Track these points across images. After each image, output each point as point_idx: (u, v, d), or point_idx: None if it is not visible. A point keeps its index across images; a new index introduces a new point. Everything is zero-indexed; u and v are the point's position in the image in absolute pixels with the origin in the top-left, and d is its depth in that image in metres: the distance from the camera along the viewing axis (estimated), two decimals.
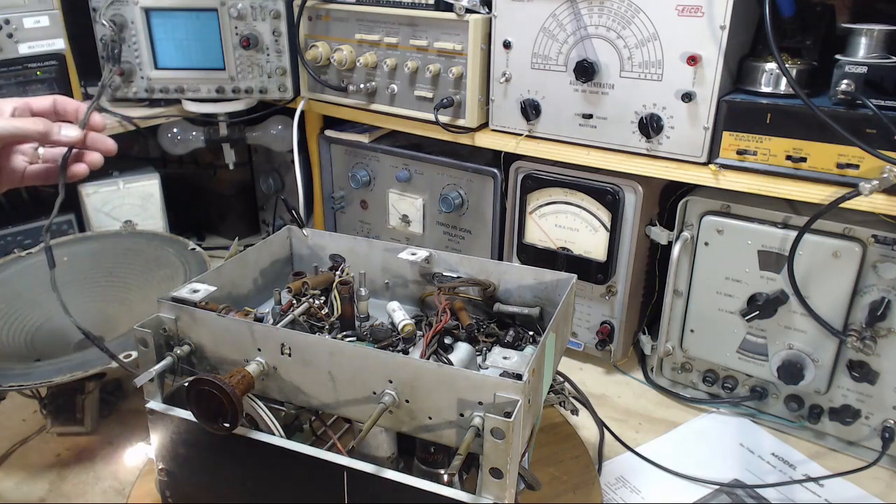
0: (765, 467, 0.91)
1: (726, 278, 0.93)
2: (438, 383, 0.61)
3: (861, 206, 0.80)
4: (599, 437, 0.95)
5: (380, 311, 0.83)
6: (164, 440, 0.73)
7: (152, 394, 0.72)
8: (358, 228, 1.30)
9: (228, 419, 0.62)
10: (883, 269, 0.83)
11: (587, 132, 0.96)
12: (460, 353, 0.74)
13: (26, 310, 0.99)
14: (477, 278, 0.82)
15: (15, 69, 1.08)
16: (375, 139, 1.22)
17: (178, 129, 1.29)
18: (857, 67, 0.78)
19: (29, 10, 1.08)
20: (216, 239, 1.55)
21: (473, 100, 1.02)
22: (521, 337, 0.79)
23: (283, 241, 0.92)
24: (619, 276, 1.03)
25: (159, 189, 1.29)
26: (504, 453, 0.58)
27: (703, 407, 1.02)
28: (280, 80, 1.21)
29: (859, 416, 0.90)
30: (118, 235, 1.17)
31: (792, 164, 0.84)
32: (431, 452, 0.72)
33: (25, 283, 1.03)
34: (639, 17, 0.87)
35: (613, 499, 0.86)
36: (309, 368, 0.67)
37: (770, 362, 0.93)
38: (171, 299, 0.73)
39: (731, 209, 0.92)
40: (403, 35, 1.05)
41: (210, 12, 1.16)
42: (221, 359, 0.71)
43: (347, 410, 0.67)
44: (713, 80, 0.85)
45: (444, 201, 1.13)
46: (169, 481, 0.75)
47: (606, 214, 0.99)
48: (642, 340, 1.09)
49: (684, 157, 0.90)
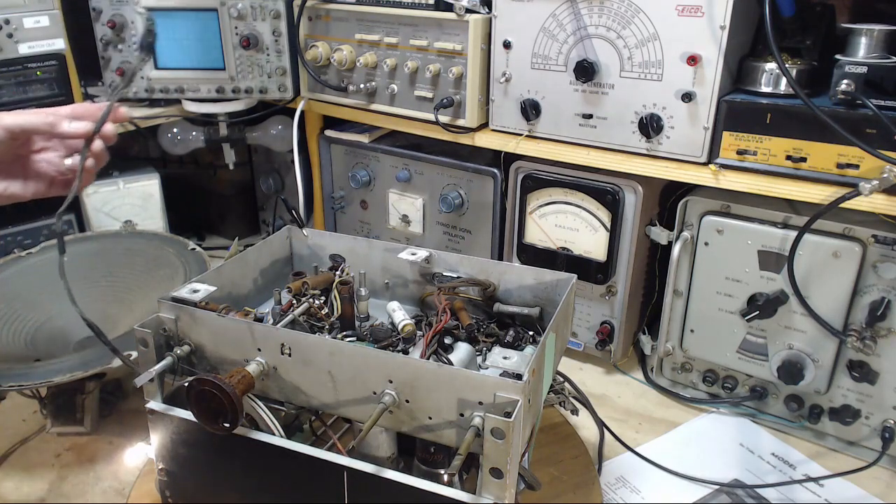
0: (765, 467, 0.91)
1: (726, 278, 0.93)
2: (438, 383, 0.61)
3: (861, 206, 0.80)
4: (599, 437, 0.95)
5: (380, 311, 0.83)
6: (164, 440, 0.73)
7: (152, 394, 0.72)
8: (358, 228, 1.30)
9: (228, 419, 0.62)
10: (883, 269, 0.83)
11: (587, 132, 0.96)
12: (460, 353, 0.74)
13: (26, 310, 0.99)
14: (477, 278, 0.82)
15: (15, 69, 1.08)
16: (375, 139, 1.22)
17: (178, 129, 1.29)
18: (857, 67, 0.78)
19: (29, 10, 1.08)
20: (216, 239, 1.55)
21: (473, 100, 1.02)
22: (521, 337, 0.79)
23: (283, 241, 0.92)
24: (619, 276, 1.03)
25: (159, 189, 1.29)
26: (504, 453, 0.58)
27: (703, 407, 1.02)
28: (280, 80, 1.21)
29: (859, 416, 0.90)
30: (118, 235, 1.17)
31: (792, 164, 0.84)
32: (431, 452, 0.72)
33: (25, 283, 1.03)
34: (639, 17, 0.87)
35: (613, 499, 0.86)
36: (309, 368, 0.67)
37: (770, 362, 0.93)
38: (171, 299, 0.73)
39: (731, 209, 0.92)
40: (403, 35, 1.05)
41: (210, 12, 1.16)
42: (221, 359, 0.71)
43: (347, 410, 0.67)
44: (713, 80, 0.85)
45: (444, 201, 1.13)
46: (169, 481, 0.75)
47: (606, 214, 0.99)
48: (642, 340, 1.09)
49: (684, 157, 0.90)
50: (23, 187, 0.79)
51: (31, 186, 0.79)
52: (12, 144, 0.75)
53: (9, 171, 0.78)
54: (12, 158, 0.78)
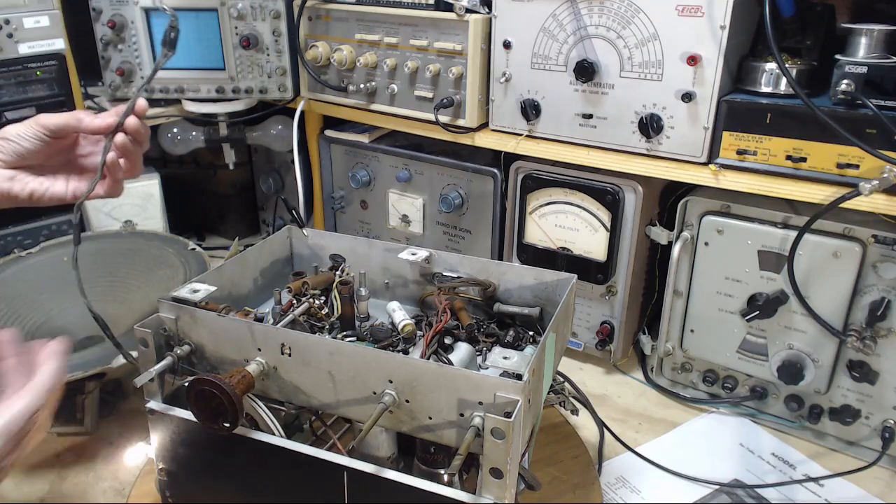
0: (765, 467, 0.91)
1: (726, 278, 0.93)
2: (438, 383, 0.61)
3: (861, 206, 0.79)
4: (599, 437, 0.95)
5: (380, 311, 0.83)
6: (164, 440, 0.73)
7: (152, 394, 0.72)
8: (358, 228, 1.30)
9: (228, 419, 0.62)
10: (883, 269, 0.83)
11: (587, 132, 0.96)
12: (460, 353, 0.74)
13: (26, 310, 0.99)
14: (477, 278, 0.82)
15: (15, 69, 1.08)
16: (375, 139, 1.22)
17: (178, 129, 1.29)
18: (857, 67, 0.78)
19: (29, 10, 1.08)
20: (216, 239, 1.55)
21: (473, 100, 1.02)
22: (522, 337, 0.79)
23: (283, 241, 0.92)
24: (619, 276, 1.03)
25: (159, 189, 1.29)
26: (504, 453, 0.58)
27: (703, 407, 1.02)
28: (280, 80, 1.21)
29: (859, 416, 0.90)
30: (118, 235, 1.17)
31: (792, 164, 0.84)
32: (431, 452, 0.72)
33: (25, 283, 1.03)
34: (639, 17, 0.87)
35: (613, 499, 0.86)
36: (309, 368, 0.67)
37: (770, 362, 0.93)
38: (171, 299, 0.73)
39: (731, 209, 0.92)
40: (403, 35, 1.05)
41: (210, 12, 1.16)
42: (221, 359, 0.71)
43: (347, 410, 0.67)
44: (713, 80, 0.85)
45: (444, 201, 1.13)
46: (169, 481, 0.75)
47: (606, 214, 0.99)
48: (642, 340, 1.09)
49: (684, 157, 0.90)
50: (64, 187, 0.81)
51: (73, 185, 0.81)
52: (54, 145, 0.79)
53: (53, 171, 0.81)
54: (57, 162, 0.81)
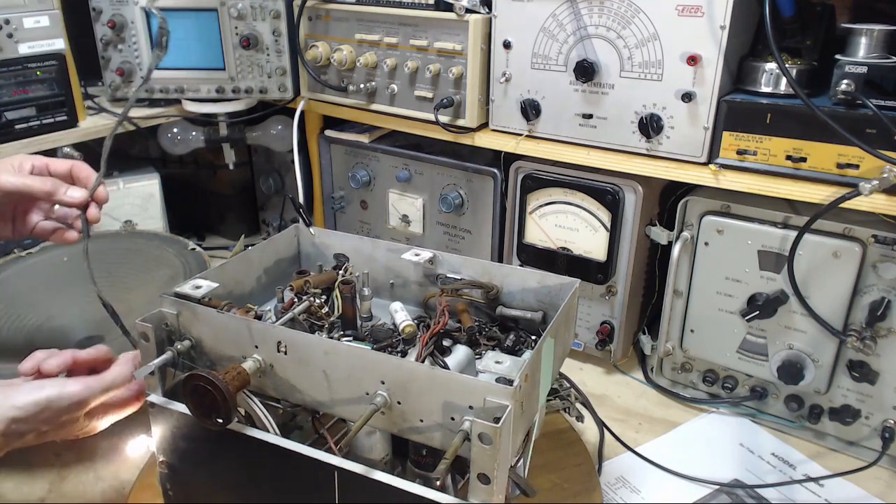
0: (765, 467, 0.91)
1: (726, 278, 0.93)
2: (430, 386, 0.61)
3: (861, 206, 0.80)
4: (599, 438, 0.95)
5: (384, 311, 0.83)
6: (165, 433, 0.73)
7: (153, 387, 0.73)
8: (358, 228, 1.30)
9: (221, 415, 0.63)
10: (883, 269, 0.83)
11: (587, 132, 0.96)
12: (458, 356, 0.73)
13: (26, 310, 0.99)
14: (479, 281, 0.82)
15: (15, 69, 1.08)
16: (375, 139, 1.22)
17: (178, 129, 1.29)
18: (857, 67, 0.78)
19: (29, 10, 1.08)
20: (216, 239, 1.54)
21: (473, 100, 1.02)
22: (523, 341, 0.78)
23: (289, 240, 0.91)
24: (619, 276, 1.03)
25: (159, 189, 1.29)
26: (492, 459, 0.57)
27: (703, 407, 1.02)
28: (280, 80, 1.21)
29: (859, 416, 0.90)
30: (118, 235, 1.17)
31: (792, 164, 0.84)
32: (424, 455, 0.71)
33: (25, 283, 1.03)
34: (639, 17, 0.87)
35: (613, 499, 0.86)
36: (304, 367, 0.67)
37: (770, 362, 0.93)
38: (173, 295, 0.73)
39: (731, 209, 0.92)
40: (403, 35, 1.05)
41: (210, 12, 1.16)
42: (220, 355, 0.71)
43: (341, 410, 0.67)
44: (713, 80, 0.85)
45: (444, 201, 1.13)
46: (170, 474, 0.75)
47: (606, 214, 0.99)
48: (642, 340, 1.09)
49: (684, 157, 0.90)
50: (12, 233, 0.87)
51: (20, 233, 0.88)
52: (9, 200, 0.83)
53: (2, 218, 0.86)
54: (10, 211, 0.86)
